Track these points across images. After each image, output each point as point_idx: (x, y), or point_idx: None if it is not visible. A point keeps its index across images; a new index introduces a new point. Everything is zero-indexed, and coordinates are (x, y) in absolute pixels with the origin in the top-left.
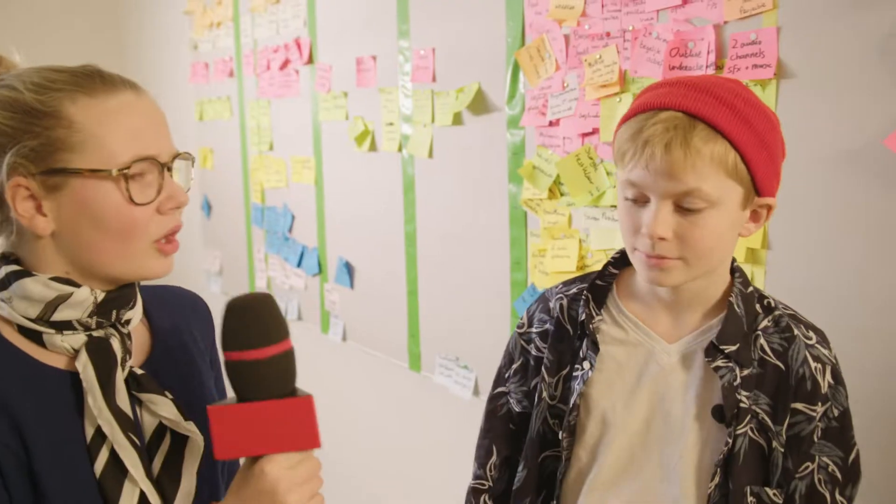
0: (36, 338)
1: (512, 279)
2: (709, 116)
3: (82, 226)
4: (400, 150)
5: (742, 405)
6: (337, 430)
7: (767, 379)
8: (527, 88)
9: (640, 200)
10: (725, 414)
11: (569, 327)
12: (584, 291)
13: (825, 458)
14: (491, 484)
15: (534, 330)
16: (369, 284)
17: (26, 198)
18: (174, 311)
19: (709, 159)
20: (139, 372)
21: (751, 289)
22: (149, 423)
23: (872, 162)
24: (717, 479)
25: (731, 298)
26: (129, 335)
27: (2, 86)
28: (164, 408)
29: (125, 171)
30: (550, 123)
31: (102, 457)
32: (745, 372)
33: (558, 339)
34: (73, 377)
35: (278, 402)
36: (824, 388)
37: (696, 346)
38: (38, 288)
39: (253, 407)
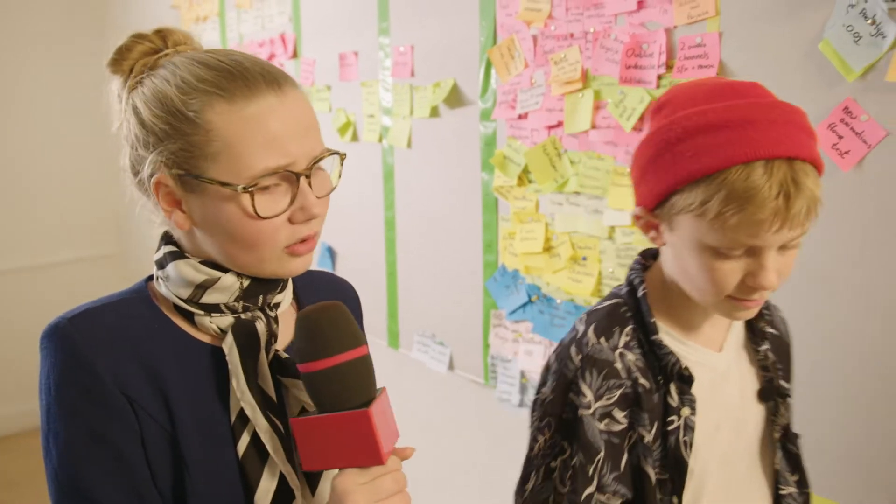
0: (188, 316)
1: (484, 261)
2: (809, 156)
3: (215, 229)
4: (380, 140)
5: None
6: None
7: (774, 347)
8: (498, 84)
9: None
10: (785, 389)
11: (645, 381)
12: (642, 334)
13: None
14: None
15: (607, 402)
16: (351, 268)
17: (167, 194)
18: (324, 297)
19: (819, 198)
20: (284, 356)
21: None
22: (294, 407)
23: None
24: (779, 453)
25: None
26: (276, 319)
27: (161, 74)
28: (306, 392)
29: (251, 188)
30: (520, 116)
31: (245, 438)
32: (765, 347)
33: (646, 398)
34: (223, 354)
35: (335, 416)
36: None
37: (734, 342)
38: (189, 270)
39: (318, 420)
